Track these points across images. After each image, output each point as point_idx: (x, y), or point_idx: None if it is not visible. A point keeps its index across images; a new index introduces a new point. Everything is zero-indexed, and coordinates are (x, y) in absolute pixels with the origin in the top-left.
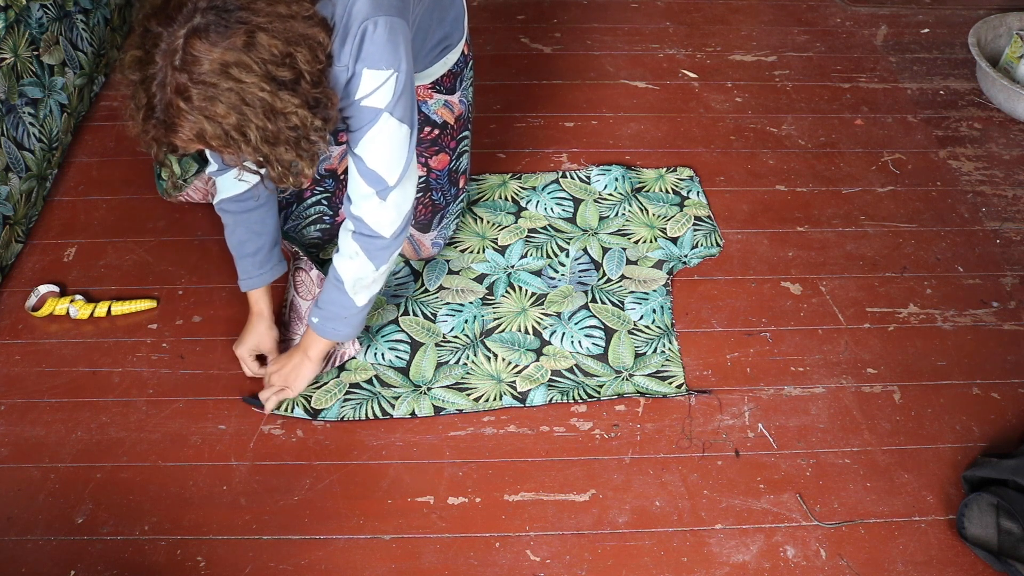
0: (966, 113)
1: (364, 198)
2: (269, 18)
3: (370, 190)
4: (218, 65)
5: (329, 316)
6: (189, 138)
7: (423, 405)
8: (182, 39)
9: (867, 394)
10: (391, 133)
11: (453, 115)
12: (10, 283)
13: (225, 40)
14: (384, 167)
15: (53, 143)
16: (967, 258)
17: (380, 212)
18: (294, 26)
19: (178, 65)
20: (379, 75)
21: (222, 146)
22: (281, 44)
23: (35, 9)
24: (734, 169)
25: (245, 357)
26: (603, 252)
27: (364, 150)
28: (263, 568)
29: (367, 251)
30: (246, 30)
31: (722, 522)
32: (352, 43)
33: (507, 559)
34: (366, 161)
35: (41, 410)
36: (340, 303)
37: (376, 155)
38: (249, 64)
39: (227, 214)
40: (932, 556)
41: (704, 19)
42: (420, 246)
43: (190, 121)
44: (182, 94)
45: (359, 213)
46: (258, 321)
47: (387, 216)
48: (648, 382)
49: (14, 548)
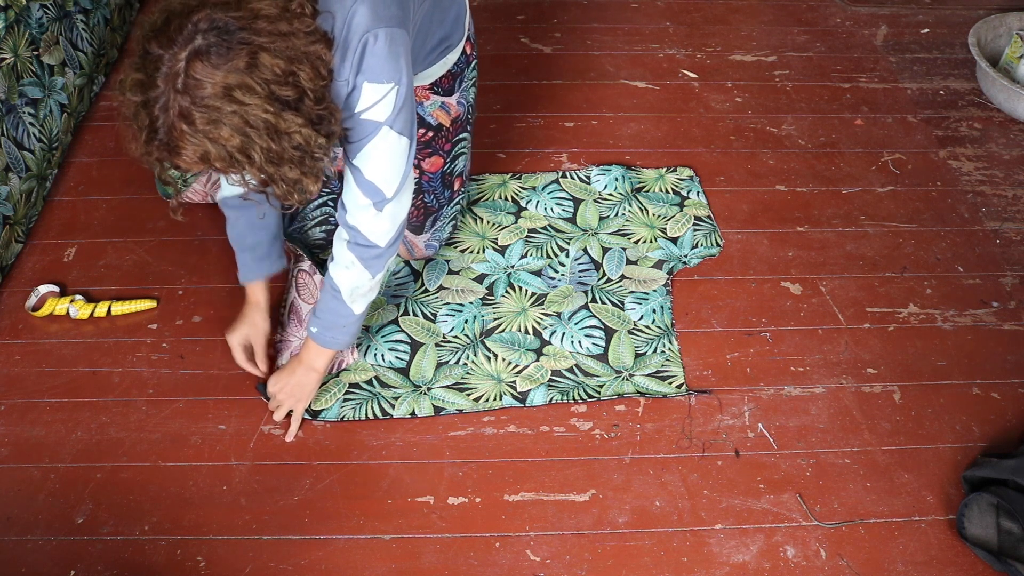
0: (966, 113)
1: (360, 209)
2: (271, 37)
3: (367, 201)
4: (221, 88)
5: (328, 325)
6: (193, 160)
7: (423, 405)
8: (183, 62)
9: (867, 394)
10: (391, 146)
11: (449, 117)
12: (10, 283)
13: (227, 62)
14: (382, 179)
15: (53, 143)
16: (967, 258)
17: (376, 223)
18: (296, 44)
19: (180, 88)
20: (380, 88)
21: (226, 167)
22: (283, 63)
23: (35, 9)
24: (734, 169)
25: (235, 346)
26: (603, 252)
27: (362, 162)
28: (263, 568)
29: (363, 260)
30: (248, 51)
31: (722, 522)
32: (353, 56)
33: (507, 559)
34: (364, 173)
35: (41, 410)
36: (338, 312)
37: (375, 167)
38: (252, 86)
39: (229, 208)
40: (932, 556)
41: (704, 19)
42: (413, 247)
43: (193, 144)
44: (185, 118)
45: (354, 223)
46: (253, 311)
47: (382, 227)
48: (648, 382)
49: (14, 548)
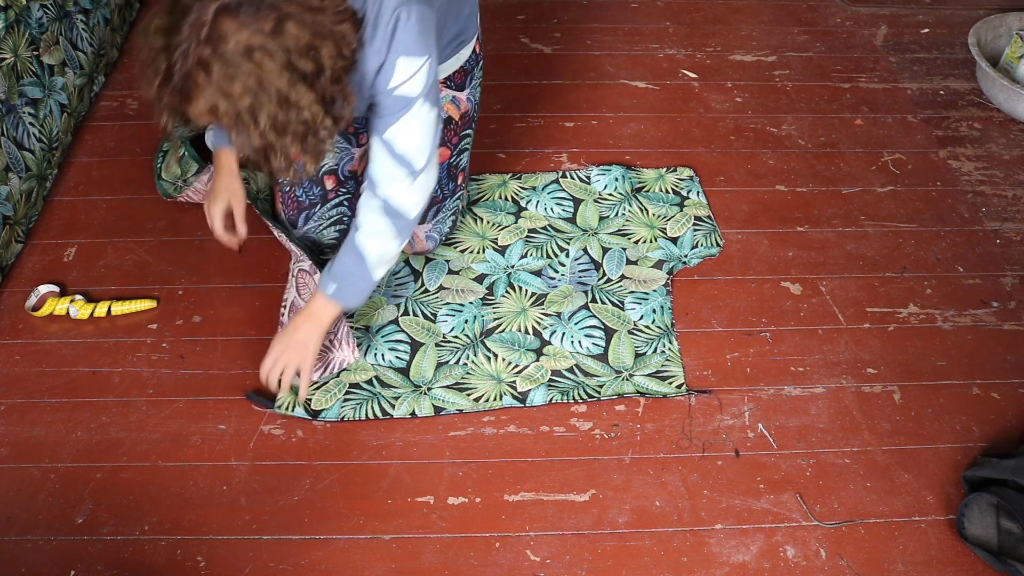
0: (966, 113)
1: (394, 181)
2: (300, 9)
3: (400, 172)
4: (243, 46)
5: (346, 284)
6: (202, 110)
7: (423, 405)
8: (212, 14)
9: (867, 394)
10: (423, 118)
11: (459, 111)
12: (10, 283)
13: (254, 23)
14: (415, 151)
15: (53, 143)
16: (967, 258)
17: (408, 194)
18: (323, 20)
19: (203, 38)
20: (414, 63)
21: (231, 124)
22: (308, 36)
23: (35, 9)
24: (734, 169)
25: (216, 215)
26: (603, 252)
27: (395, 135)
28: (263, 568)
29: (394, 228)
30: (276, 16)
31: (722, 522)
32: (384, 32)
33: (507, 559)
34: (396, 146)
35: (41, 410)
36: (359, 276)
37: (407, 140)
38: (273, 51)
39: None
40: (932, 556)
41: (704, 19)
42: (414, 239)
43: (206, 95)
44: (204, 67)
45: (386, 194)
46: (228, 177)
47: (414, 197)
48: (648, 382)
49: (14, 548)
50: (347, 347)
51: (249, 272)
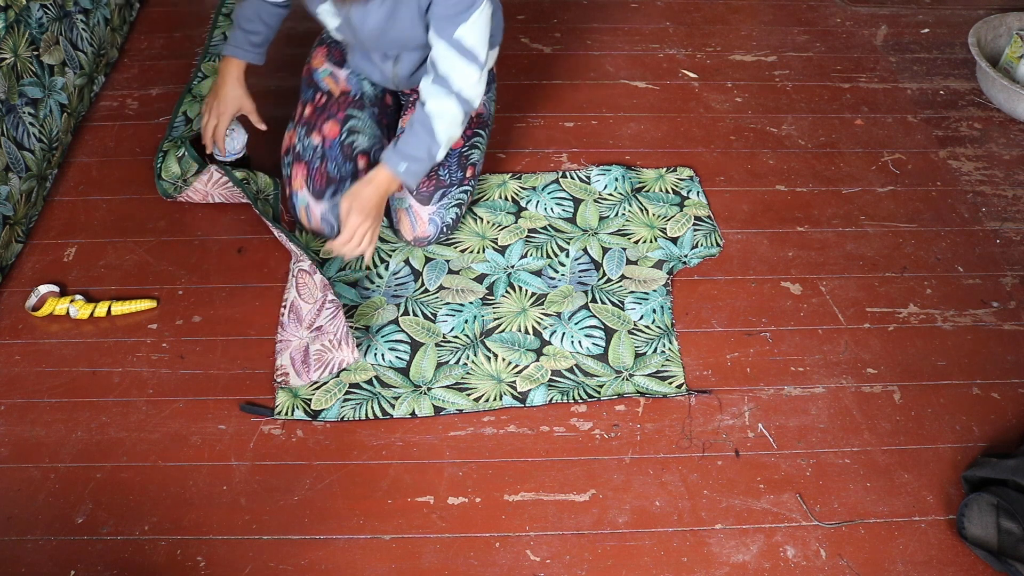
0: (966, 113)
1: (466, 75)
2: None
3: (472, 68)
4: None
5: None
6: None
7: (423, 405)
8: None
9: (867, 394)
10: (485, 15)
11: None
12: (10, 283)
13: None
14: (480, 45)
15: (53, 143)
16: (967, 258)
17: (478, 84)
18: None
19: None
20: None
21: None
22: None
23: (35, 9)
24: (734, 169)
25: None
26: (603, 252)
27: (465, 31)
28: (263, 568)
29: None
30: None
31: (722, 522)
32: None
33: (507, 559)
34: (465, 42)
35: (41, 410)
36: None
37: (475, 35)
38: None
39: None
40: (932, 556)
41: (704, 19)
42: (417, 220)
43: None
44: None
45: (459, 87)
46: (236, 86)
47: (481, 87)
48: (648, 382)
49: (14, 548)
50: (347, 347)
51: (249, 272)
